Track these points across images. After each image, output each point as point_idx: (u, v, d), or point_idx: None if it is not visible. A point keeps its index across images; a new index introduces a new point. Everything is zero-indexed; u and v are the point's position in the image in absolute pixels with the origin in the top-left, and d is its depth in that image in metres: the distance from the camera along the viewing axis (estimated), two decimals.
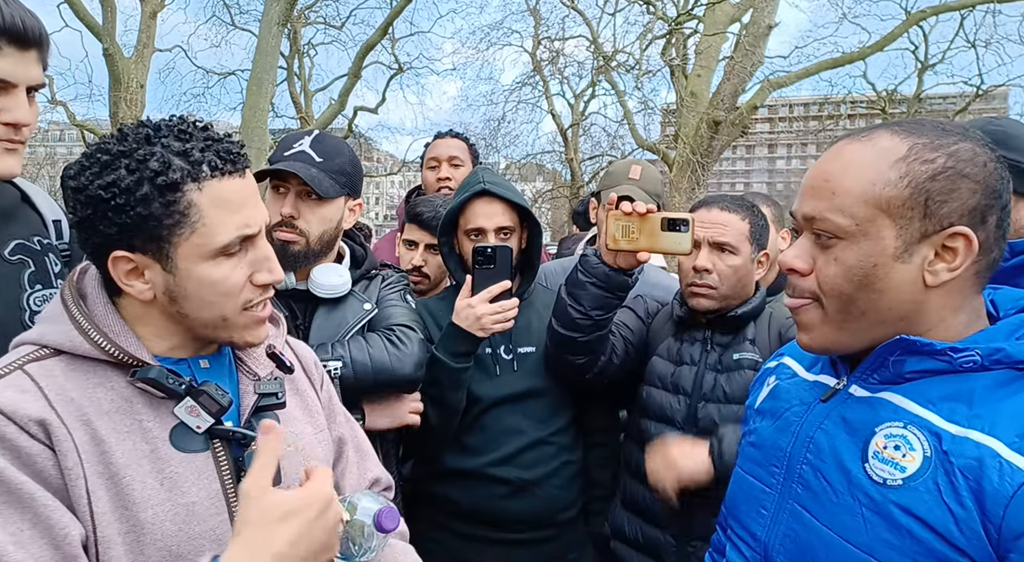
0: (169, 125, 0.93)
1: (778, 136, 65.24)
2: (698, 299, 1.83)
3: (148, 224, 0.89)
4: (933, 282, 0.87)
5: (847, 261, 0.88)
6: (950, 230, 0.85)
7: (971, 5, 11.69)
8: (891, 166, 0.87)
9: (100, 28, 11.83)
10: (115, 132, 0.93)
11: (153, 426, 0.94)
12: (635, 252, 1.64)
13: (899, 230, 0.86)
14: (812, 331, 0.95)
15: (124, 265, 0.93)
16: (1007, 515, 0.76)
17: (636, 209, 1.59)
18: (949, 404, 0.85)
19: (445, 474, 1.93)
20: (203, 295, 0.94)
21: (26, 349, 0.94)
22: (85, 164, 0.91)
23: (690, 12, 12.82)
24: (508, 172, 18.71)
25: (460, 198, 1.90)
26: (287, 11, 10.27)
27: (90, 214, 0.90)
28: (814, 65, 12.06)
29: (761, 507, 1.02)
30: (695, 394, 1.81)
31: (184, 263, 0.92)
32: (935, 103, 20.33)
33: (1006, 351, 0.84)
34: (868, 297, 0.89)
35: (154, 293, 0.95)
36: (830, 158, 0.92)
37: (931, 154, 0.86)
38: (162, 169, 0.88)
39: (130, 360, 0.94)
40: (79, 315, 0.94)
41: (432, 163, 2.79)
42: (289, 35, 14.95)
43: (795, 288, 0.96)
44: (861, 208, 0.87)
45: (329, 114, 14.59)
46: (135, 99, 11.75)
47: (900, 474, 0.85)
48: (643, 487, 1.85)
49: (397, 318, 1.76)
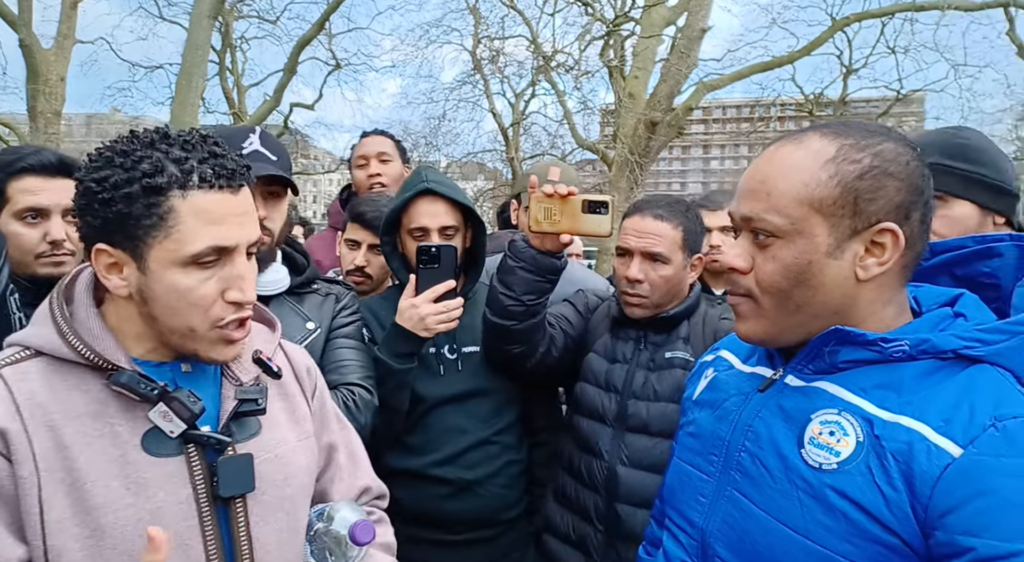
0: (181, 135, 0.96)
1: (712, 137, 67.02)
2: (631, 308, 1.86)
3: (127, 222, 0.92)
4: (864, 276, 0.91)
5: (784, 259, 0.92)
6: (878, 226, 0.90)
7: (891, 12, 12.28)
8: (821, 167, 0.90)
9: (15, 18, 11.20)
10: (126, 135, 0.96)
11: (124, 430, 0.95)
12: (557, 234, 1.66)
13: (831, 228, 0.90)
14: (748, 321, 0.99)
15: (105, 258, 0.96)
16: (934, 495, 0.80)
17: (557, 190, 1.61)
18: (880, 392, 0.89)
19: (387, 474, 1.88)
20: (170, 301, 0.96)
21: (10, 350, 0.97)
22: (93, 158, 0.95)
23: (627, 14, 13.02)
24: (449, 171, 18.59)
25: (403, 197, 1.88)
26: (218, 4, 9.94)
27: (83, 204, 0.94)
28: (746, 68, 12.43)
29: (699, 495, 1.05)
30: (625, 392, 1.83)
31: (155, 265, 0.94)
32: (859, 106, 21.27)
33: (932, 342, 0.89)
34: (803, 293, 0.92)
35: (129, 291, 0.97)
36: (765, 161, 0.96)
37: (858, 154, 0.90)
38: (152, 172, 0.91)
39: (105, 363, 0.95)
40: (60, 318, 0.97)
41: (361, 161, 2.76)
42: (221, 29, 14.48)
43: (734, 284, 0.99)
44: (795, 208, 0.90)
45: (264, 110, 14.22)
46: (55, 92, 11.18)
47: (835, 458, 0.88)
48: (575, 482, 1.87)
49: (353, 372, 1.72)
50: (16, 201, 1.59)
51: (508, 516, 1.97)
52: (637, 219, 1.85)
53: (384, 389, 1.78)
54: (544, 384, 2.07)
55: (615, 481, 1.77)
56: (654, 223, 1.83)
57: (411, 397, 1.85)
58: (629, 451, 1.78)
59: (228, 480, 1.00)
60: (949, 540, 0.79)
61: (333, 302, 1.80)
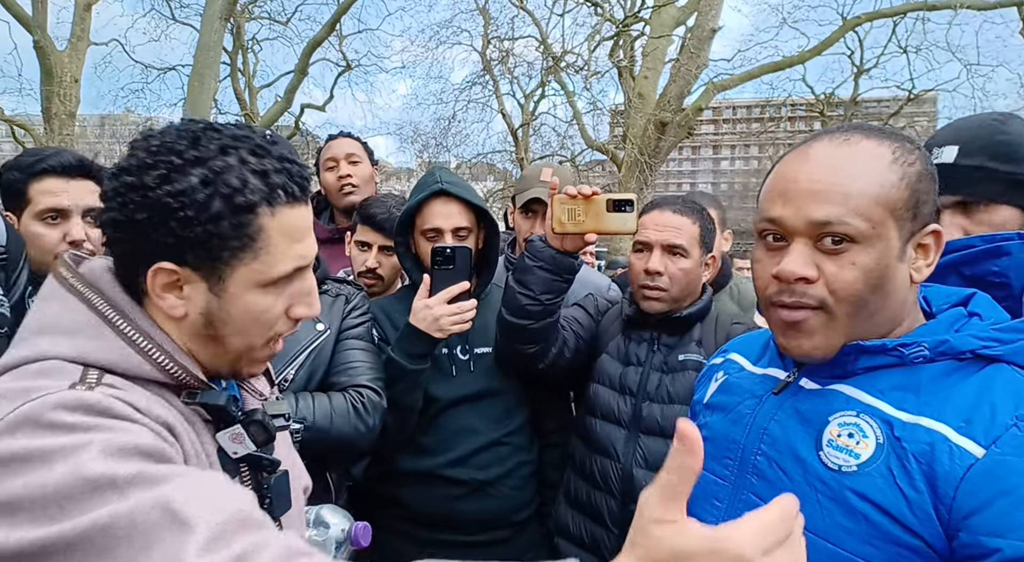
0: (242, 135, 0.86)
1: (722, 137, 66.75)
2: (649, 301, 1.85)
3: (212, 242, 0.81)
4: (917, 279, 0.91)
5: (866, 265, 0.87)
6: (929, 228, 0.90)
7: (902, 12, 12.20)
8: (888, 168, 0.88)
9: (30, 19, 11.31)
10: (182, 131, 0.84)
11: (212, 450, 0.89)
12: (582, 234, 1.67)
13: (899, 231, 0.88)
14: (814, 337, 0.92)
15: (164, 277, 0.84)
16: (957, 496, 0.79)
17: (581, 191, 1.62)
18: (898, 393, 0.89)
19: (399, 475, 1.91)
20: (243, 323, 0.87)
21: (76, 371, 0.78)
22: (148, 161, 0.81)
23: (637, 15, 13.01)
24: (459, 171, 18.63)
25: (417, 198, 1.88)
26: (230, 5, 10.01)
27: (145, 218, 0.80)
28: (756, 68, 12.40)
29: (715, 499, 1.04)
30: (640, 394, 1.84)
31: (235, 288, 0.85)
32: (870, 106, 21.14)
33: (950, 343, 0.88)
34: (878, 299, 0.89)
35: (186, 311, 0.86)
36: (824, 164, 0.90)
37: (910, 156, 0.89)
38: (240, 187, 0.81)
39: (194, 382, 0.86)
40: (131, 330, 0.83)
41: (330, 163, 2.74)
42: (232, 30, 14.57)
43: (798, 296, 0.92)
44: (875, 210, 0.87)
45: (275, 111, 14.28)
46: (69, 94, 11.28)
47: (854, 460, 0.88)
48: (587, 484, 1.87)
49: (362, 374, 1.72)
50: (37, 202, 1.61)
51: (520, 517, 1.97)
52: (656, 214, 1.86)
53: (397, 389, 1.78)
54: (554, 387, 2.07)
55: (631, 483, 1.77)
56: (673, 216, 1.84)
57: (424, 398, 1.85)
58: (646, 452, 1.78)
59: (279, 501, 0.97)
60: (974, 541, 0.78)
61: (343, 303, 1.81)
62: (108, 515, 0.63)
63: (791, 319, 0.93)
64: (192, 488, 0.67)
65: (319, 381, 1.70)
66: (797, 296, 0.91)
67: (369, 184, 2.74)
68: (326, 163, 2.76)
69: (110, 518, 0.63)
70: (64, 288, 0.84)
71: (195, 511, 0.63)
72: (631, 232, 1.65)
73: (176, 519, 0.62)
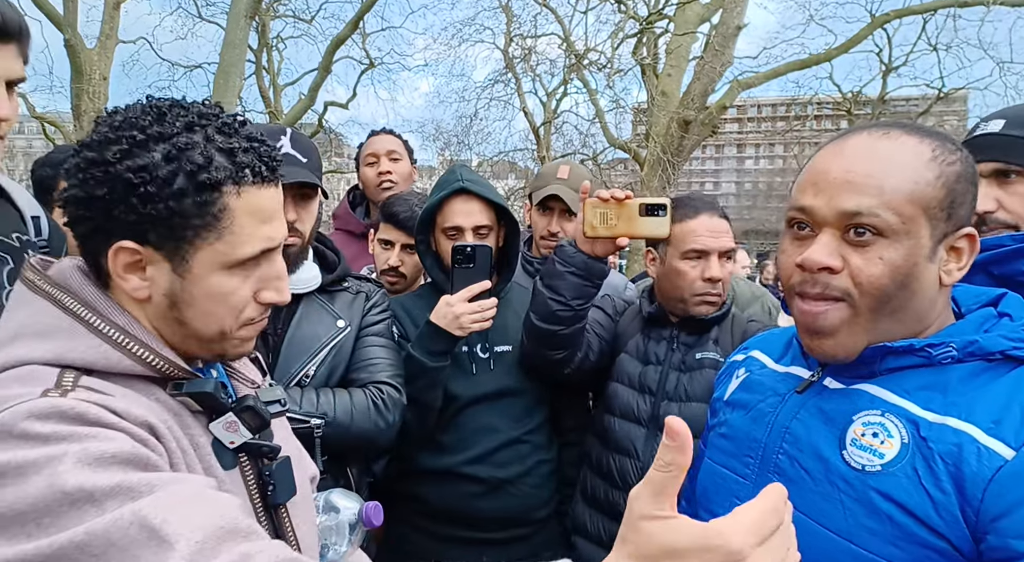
0: (209, 113, 0.83)
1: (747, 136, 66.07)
2: (707, 307, 1.84)
3: (174, 220, 0.79)
4: (948, 282, 0.90)
5: (894, 260, 0.86)
6: (963, 231, 0.88)
7: (933, 9, 11.98)
8: (926, 166, 0.87)
9: (61, 18, 11.52)
10: (146, 107, 0.82)
11: (204, 442, 0.86)
12: (614, 238, 1.65)
13: (931, 230, 0.87)
14: (838, 335, 0.91)
15: (126, 257, 0.81)
16: (985, 498, 0.78)
17: (614, 195, 1.61)
18: (925, 393, 0.88)
19: (419, 473, 1.92)
20: (208, 305, 0.85)
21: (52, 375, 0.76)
22: (110, 136, 0.79)
23: (661, 11, 12.91)
24: (480, 169, 18.67)
25: (437, 196, 1.89)
26: (255, 3, 10.11)
27: (105, 194, 0.78)
28: (782, 66, 12.24)
29: (735, 497, 1.03)
30: (659, 393, 1.83)
31: (199, 268, 0.83)
32: (899, 105, 20.79)
33: (979, 344, 0.87)
34: (903, 296, 0.88)
35: (150, 293, 0.84)
36: (863, 156, 0.89)
37: (951, 156, 0.88)
38: (205, 164, 0.79)
39: (178, 372, 0.84)
40: (106, 326, 0.81)
41: (371, 159, 2.76)
42: (257, 28, 14.71)
43: (822, 286, 0.91)
44: (908, 206, 0.86)
45: (299, 109, 14.41)
46: (98, 91, 11.45)
47: (879, 460, 0.86)
48: (604, 483, 1.87)
49: (382, 370, 1.73)
50: None
51: (539, 515, 1.97)
52: (705, 219, 1.83)
53: (416, 386, 1.79)
54: (575, 387, 2.07)
55: None
56: (721, 222, 1.84)
57: (444, 396, 1.86)
58: None
59: (281, 487, 0.94)
60: (1002, 544, 0.77)
61: (363, 300, 1.82)
62: (85, 533, 0.61)
63: (813, 311, 0.92)
64: (172, 501, 0.65)
65: (339, 378, 1.71)
66: (820, 287, 0.90)
67: (407, 182, 2.76)
68: (367, 158, 2.79)
69: (87, 535, 0.61)
70: (32, 291, 0.82)
71: (175, 528, 0.62)
72: (663, 237, 1.64)
73: (155, 536, 0.61)
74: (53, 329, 0.79)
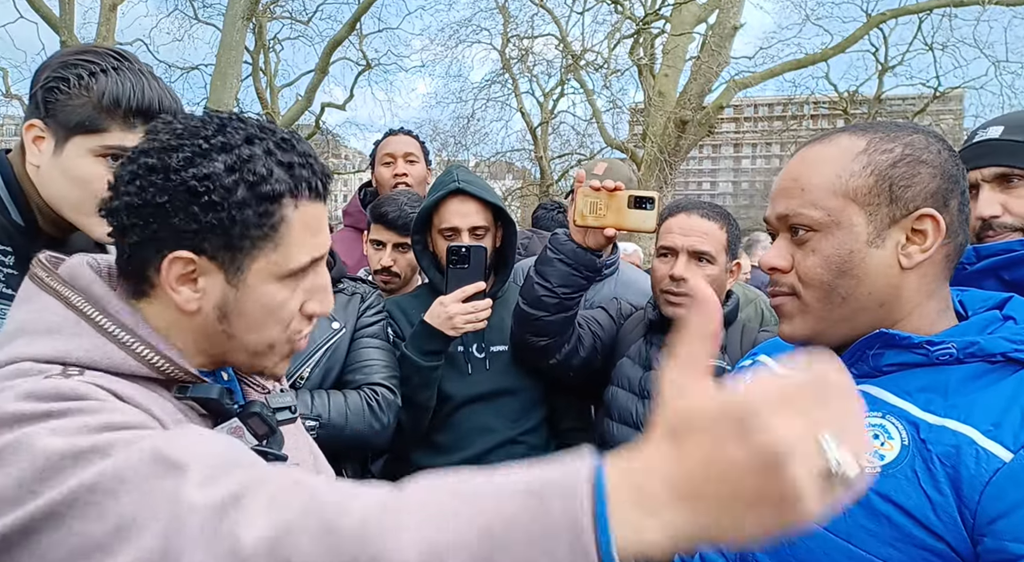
0: (267, 127, 0.85)
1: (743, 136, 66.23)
2: (672, 308, 1.80)
3: (234, 230, 0.79)
4: (908, 264, 0.91)
5: (824, 251, 0.92)
6: (917, 213, 0.90)
7: (928, 8, 12.02)
8: (853, 159, 0.92)
9: (57, 20, 11.52)
10: (206, 118, 0.83)
11: None
12: (602, 229, 1.65)
13: (868, 217, 0.91)
14: (793, 320, 0.98)
15: (181, 267, 0.80)
16: (983, 500, 0.78)
17: (605, 185, 1.61)
18: (925, 395, 0.88)
19: (414, 472, 1.92)
20: (259, 315, 0.85)
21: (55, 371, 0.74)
22: (171, 143, 0.79)
23: (657, 12, 12.94)
24: (478, 170, 18.68)
25: (434, 197, 1.89)
26: (252, 5, 10.10)
27: (166, 202, 0.77)
28: (778, 66, 12.29)
29: None
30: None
31: (254, 279, 0.83)
32: (895, 104, 20.84)
33: (980, 345, 0.87)
34: (847, 283, 0.92)
35: (200, 305, 0.83)
36: (796, 162, 0.98)
37: (888, 144, 0.92)
38: (267, 176, 0.80)
39: (183, 375, 0.83)
40: (112, 325, 0.79)
41: (387, 159, 2.76)
42: (254, 30, 14.71)
43: (776, 284, 0.99)
44: (830, 199, 0.92)
45: (296, 110, 14.43)
46: None
47: (879, 462, 0.86)
48: None
49: (377, 372, 1.73)
50: None
51: None
52: (683, 217, 1.81)
53: (410, 386, 1.79)
54: (570, 388, 2.06)
55: None
56: (700, 221, 1.80)
57: (439, 395, 1.86)
58: None
59: None
60: (999, 547, 0.77)
61: (359, 302, 1.82)
62: (95, 474, 0.60)
63: (773, 304, 1.01)
64: (178, 437, 0.65)
65: (334, 379, 1.71)
66: (774, 284, 1.00)
67: (422, 185, 2.75)
68: (383, 158, 2.78)
69: (98, 476, 0.60)
70: (39, 288, 0.81)
71: (185, 455, 0.60)
72: (650, 230, 1.64)
73: (167, 463, 0.60)
74: (57, 326, 0.78)
